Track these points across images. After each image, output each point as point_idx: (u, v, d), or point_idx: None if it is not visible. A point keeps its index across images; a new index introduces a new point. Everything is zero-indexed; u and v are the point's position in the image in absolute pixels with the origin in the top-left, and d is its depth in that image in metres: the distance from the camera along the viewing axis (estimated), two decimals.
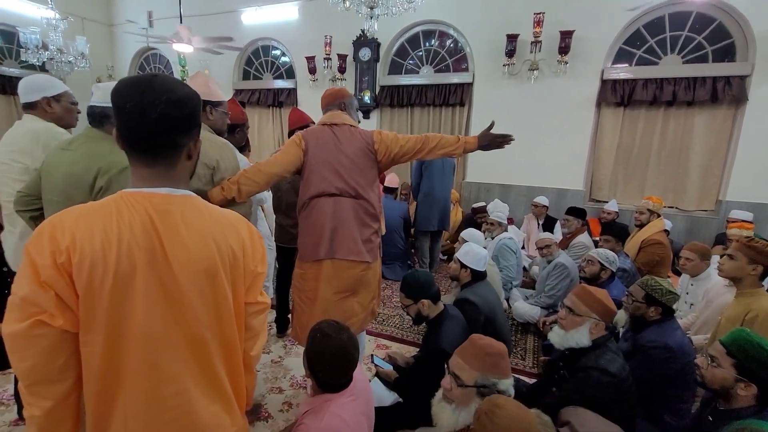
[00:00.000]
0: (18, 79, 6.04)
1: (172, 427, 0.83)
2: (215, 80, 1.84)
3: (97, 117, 1.45)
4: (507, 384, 1.28)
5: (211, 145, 1.61)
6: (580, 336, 1.59)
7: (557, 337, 1.64)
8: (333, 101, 1.89)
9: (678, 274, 3.68)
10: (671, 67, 4.23)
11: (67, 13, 5.21)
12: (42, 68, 5.60)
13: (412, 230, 4.43)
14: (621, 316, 1.92)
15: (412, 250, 4.62)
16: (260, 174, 1.65)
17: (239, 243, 0.89)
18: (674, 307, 1.86)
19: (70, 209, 0.78)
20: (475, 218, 4.55)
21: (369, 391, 1.52)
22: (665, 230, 3.49)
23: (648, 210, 3.41)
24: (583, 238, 3.71)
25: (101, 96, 1.45)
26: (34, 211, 1.54)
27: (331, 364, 1.26)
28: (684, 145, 4.32)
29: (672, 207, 4.43)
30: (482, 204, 4.63)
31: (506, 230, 3.63)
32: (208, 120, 1.72)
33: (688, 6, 4.09)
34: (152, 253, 0.77)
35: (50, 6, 4.81)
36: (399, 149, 1.81)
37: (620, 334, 2.10)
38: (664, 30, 4.25)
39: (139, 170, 0.81)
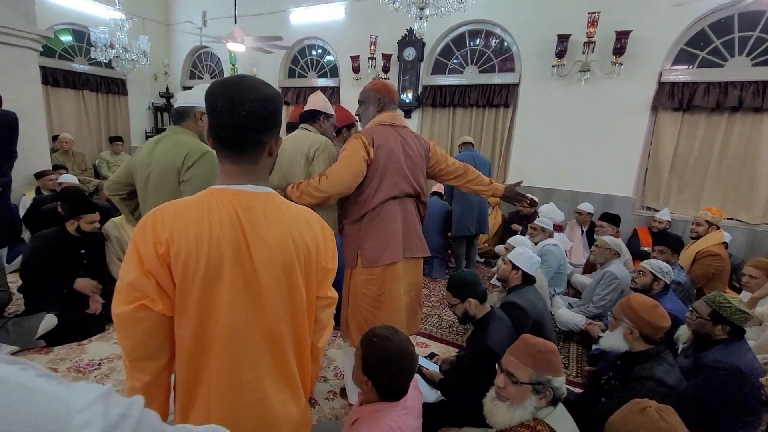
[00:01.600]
0: (87, 75, 6.58)
1: (249, 411, 0.89)
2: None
3: (179, 115, 1.76)
4: (560, 381, 1.29)
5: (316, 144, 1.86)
6: (614, 338, 1.67)
7: (603, 338, 1.74)
8: (391, 97, 1.87)
9: (736, 290, 3.46)
10: (738, 69, 3.95)
11: (132, 14, 5.57)
12: (107, 65, 6.02)
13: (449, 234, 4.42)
14: (683, 332, 1.85)
15: (448, 252, 4.60)
16: (320, 193, 1.69)
17: (313, 240, 0.93)
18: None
19: (169, 204, 0.85)
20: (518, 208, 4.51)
21: (420, 404, 1.49)
22: (723, 243, 3.29)
23: (706, 222, 3.23)
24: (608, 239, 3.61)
25: (182, 99, 1.77)
26: (122, 194, 1.85)
27: (396, 365, 1.22)
28: (749, 154, 4.03)
29: (732, 219, 4.15)
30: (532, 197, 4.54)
31: (551, 236, 3.54)
32: (321, 128, 1.98)
33: (761, 5, 3.81)
34: (237, 247, 0.83)
35: (118, 8, 5.17)
36: (445, 167, 1.94)
37: (679, 350, 2.02)
38: (732, 30, 3.98)
39: (227, 167, 0.86)
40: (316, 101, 2.05)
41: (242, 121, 0.81)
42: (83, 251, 2.64)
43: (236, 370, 0.87)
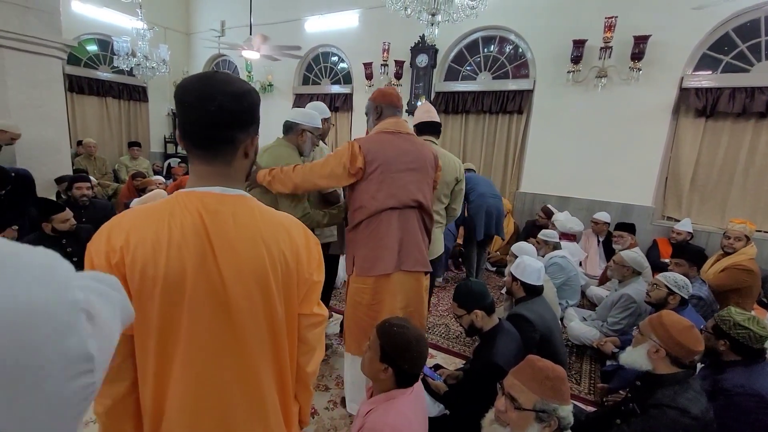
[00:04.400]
0: (110, 82, 6.82)
1: None
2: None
3: (285, 129, 2.07)
4: (567, 410, 1.20)
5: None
6: (637, 354, 1.53)
7: (624, 353, 1.61)
8: (389, 101, 1.80)
9: (765, 306, 3.27)
10: (766, 74, 3.78)
11: (153, 24, 5.75)
12: (130, 73, 6.22)
13: (460, 240, 4.35)
14: None
15: (459, 259, 4.51)
16: (290, 181, 1.72)
17: (292, 248, 0.84)
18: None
19: (130, 210, 0.79)
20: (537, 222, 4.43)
21: (423, 393, 1.53)
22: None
23: (745, 236, 3.04)
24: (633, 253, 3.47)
25: (291, 114, 2.07)
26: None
27: (417, 350, 1.32)
28: None
29: (760, 231, 3.94)
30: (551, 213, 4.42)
31: (558, 248, 3.44)
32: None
33: None
34: (202, 255, 0.75)
35: (140, 18, 5.35)
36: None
37: (697, 370, 1.90)
38: (758, 34, 3.82)
39: (198, 168, 0.80)
40: (434, 112, 2.24)
41: (212, 116, 0.74)
42: (69, 249, 2.65)
43: (199, 394, 0.77)
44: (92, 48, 6.64)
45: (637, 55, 4.01)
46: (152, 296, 0.73)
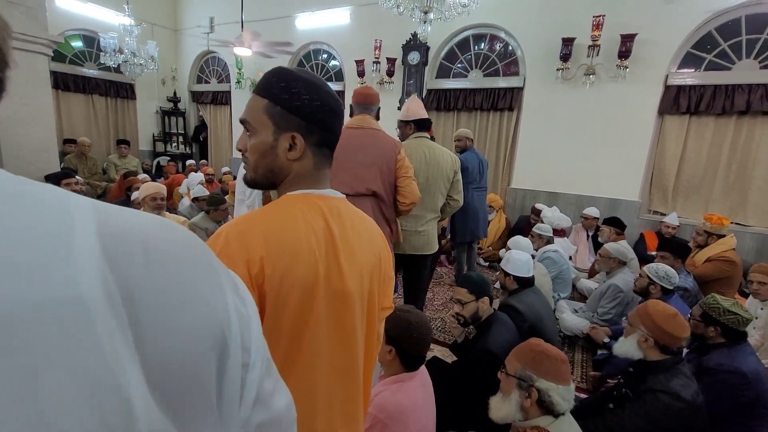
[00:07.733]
0: (97, 80, 6.69)
1: None
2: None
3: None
4: (548, 386, 1.23)
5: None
6: (628, 345, 1.61)
7: (617, 344, 1.68)
8: (363, 102, 1.89)
9: (744, 295, 3.40)
10: (746, 72, 3.91)
11: (141, 20, 5.66)
12: (117, 70, 6.11)
13: (446, 242, 4.40)
14: None
15: (449, 263, 4.55)
16: None
17: (384, 247, 0.87)
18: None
19: (251, 216, 0.72)
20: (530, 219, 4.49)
21: (431, 388, 1.55)
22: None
23: (705, 232, 3.17)
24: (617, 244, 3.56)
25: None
26: None
27: (417, 332, 1.36)
28: (760, 158, 3.97)
29: (740, 224, 4.09)
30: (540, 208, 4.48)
31: (550, 242, 3.52)
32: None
33: None
34: (328, 259, 0.71)
35: (127, 13, 5.26)
36: (400, 181, 1.87)
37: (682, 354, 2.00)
38: (739, 33, 3.95)
39: (314, 173, 0.77)
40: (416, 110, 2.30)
41: (343, 119, 0.79)
42: None
43: (309, 412, 0.73)
44: (77, 44, 6.50)
45: (624, 54, 4.11)
46: (285, 308, 0.68)
